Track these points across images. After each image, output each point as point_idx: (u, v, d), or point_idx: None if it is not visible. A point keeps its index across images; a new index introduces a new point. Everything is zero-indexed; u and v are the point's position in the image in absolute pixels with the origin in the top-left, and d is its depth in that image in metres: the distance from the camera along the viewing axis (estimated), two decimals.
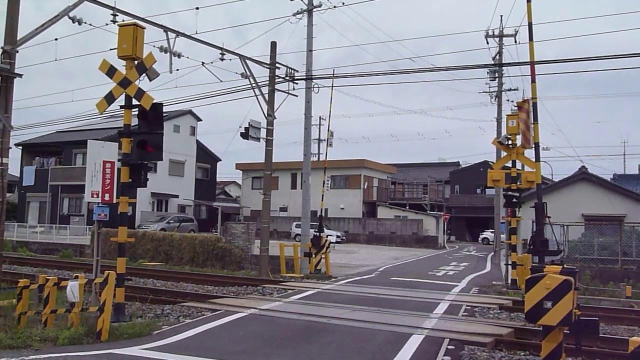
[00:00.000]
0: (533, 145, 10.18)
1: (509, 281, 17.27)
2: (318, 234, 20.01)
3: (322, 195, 21.33)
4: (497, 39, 31.24)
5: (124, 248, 10.11)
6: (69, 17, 13.23)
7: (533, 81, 8.71)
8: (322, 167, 24.18)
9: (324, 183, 23.30)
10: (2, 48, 12.05)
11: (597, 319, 6.98)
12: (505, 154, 17.42)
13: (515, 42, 31.23)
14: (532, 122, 9.37)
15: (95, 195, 10.14)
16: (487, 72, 30.22)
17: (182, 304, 12.33)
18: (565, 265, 6.95)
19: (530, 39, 8.64)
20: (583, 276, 16.84)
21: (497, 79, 31.38)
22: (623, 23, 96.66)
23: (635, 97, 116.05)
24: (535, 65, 8.76)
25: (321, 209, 21.92)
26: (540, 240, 7.30)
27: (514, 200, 16.98)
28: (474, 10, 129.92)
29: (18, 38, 12.25)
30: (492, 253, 33.60)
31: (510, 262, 17.27)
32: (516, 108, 17.53)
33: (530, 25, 8.74)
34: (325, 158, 23.54)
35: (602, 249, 20.92)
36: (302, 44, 21.91)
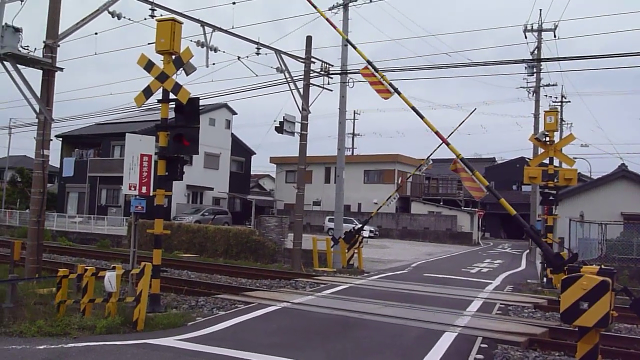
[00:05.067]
0: (486, 191, 10.18)
1: (544, 280, 17.00)
2: (359, 230, 20.14)
3: (386, 204, 21.30)
4: (535, 34, 30.72)
5: (160, 240, 10.29)
6: (109, 12, 13.47)
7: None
8: (356, 162, 24.12)
9: (390, 198, 22.12)
10: (44, 42, 12.36)
11: None
12: (543, 150, 17.14)
13: (555, 36, 30.67)
14: (471, 173, 9.38)
15: (132, 188, 10.33)
16: (525, 68, 29.75)
17: (216, 295, 12.48)
18: (602, 266, 6.83)
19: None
20: (621, 276, 16.48)
21: (535, 74, 30.84)
22: None
23: None
24: (575, 60, 8.61)
25: (370, 216, 21.98)
26: (552, 257, 7.24)
27: (551, 197, 16.70)
28: (515, 4, 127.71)
29: (59, 32, 12.54)
30: (527, 251, 33.12)
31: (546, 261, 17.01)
32: (554, 104, 17.19)
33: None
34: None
35: None
36: (338, 39, 21.84)
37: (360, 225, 20.95)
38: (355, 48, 12.09)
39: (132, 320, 8.71)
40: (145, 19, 14.67)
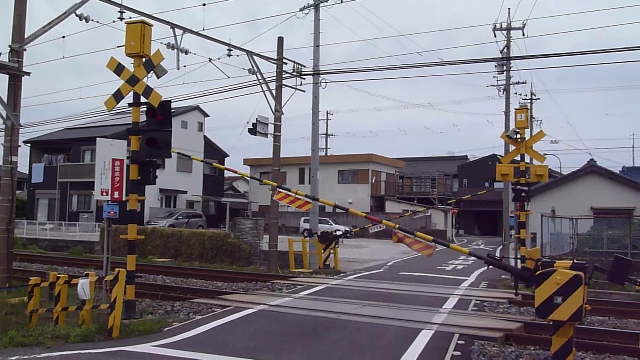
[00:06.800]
0: (434, 245, 10.78)
1: None
2: (338, 238, 20.28)
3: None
4: (505, 33, 31.03)
5: (134, 245, 10.17)
6: (77, 15, 13.27)
7: None
8: (331, 162, 24.22)
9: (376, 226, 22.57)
10: (10, 47, 12.12)
11: (613, 257, 6.98)
12: (514, 148, 17.34)
13: (524, 35, 30.98)
14: (413, 236, 9.92)
15: (105, 194, 10.17)
16: (495, 66, 30.01)
17: (192, 300, 12.37)
18: (575, 260, 6.94)
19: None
20: (594, 272, 16.73)
21: (505, 72, 31.15)
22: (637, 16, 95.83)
23: None
24: (545, 58, 8.75)
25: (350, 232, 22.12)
26: (520, 272, 7.50)
27: (523, 194, 16.89)
28: (487, 3, 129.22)
29: (26, 36, 12.32)
30: (501, 247, 33.48)
31: (519, 257, 17.21)
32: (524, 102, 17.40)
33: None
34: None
35: (612, 242, 20.83)
36: (311, 40, 21.87)
37: (341, 233, 21.08)
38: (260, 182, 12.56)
39: (107, 327, 8.58)
40: (114, 21, 14.49)
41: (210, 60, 18.26)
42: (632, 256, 19.66)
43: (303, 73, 20.22)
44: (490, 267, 8.59)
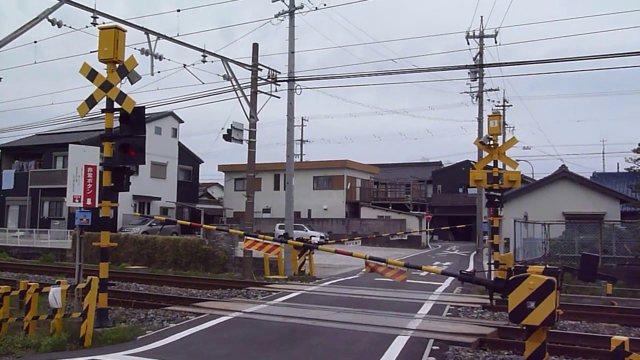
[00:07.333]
0: (407, 269, 10.97)
1: (492, 280, 17.33)
2: (318, 242, 20.24)
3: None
4: (477, 40, 31.45)
5: (106, 252, 10.03)
6: (49, 20, 13.12)
7: None
8: (306, 168, 24.19)
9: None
10: None
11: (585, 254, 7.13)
12: (487, 154, 17.53)
13: (496, 42, 31.45)
14: (385, 264, 10.11)
15: (77, 200, 10.02)
16: (468, 73, 30.37)
17: (166, 308, 12.24)
18: (547, 265, 7.03)
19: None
20: (565, 274, 16.96)
21: (477, 79, 31.55)
22: (610, 24, 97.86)
23: (615, 96, 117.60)
24: (518, 65, 8.88)
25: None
26: (493, 284, 7.64)
27: (496, 199, 17.09)
28: (460, 11, 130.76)
29: None
30: (475, 252, 33.81)
31: (492, 262, 17.37)
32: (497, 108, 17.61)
33: None
34: None
35: (583, 247, 21.16)
36: (286, 46, 21.89)
37: (318, 241, 21.07)
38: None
39: (79, 336, 8.45)
40: (87, 26, 14.34)
41: (185, 66, 18.19)
42: (602, 260, 20.02)
43: (278, 79, 20.24)
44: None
